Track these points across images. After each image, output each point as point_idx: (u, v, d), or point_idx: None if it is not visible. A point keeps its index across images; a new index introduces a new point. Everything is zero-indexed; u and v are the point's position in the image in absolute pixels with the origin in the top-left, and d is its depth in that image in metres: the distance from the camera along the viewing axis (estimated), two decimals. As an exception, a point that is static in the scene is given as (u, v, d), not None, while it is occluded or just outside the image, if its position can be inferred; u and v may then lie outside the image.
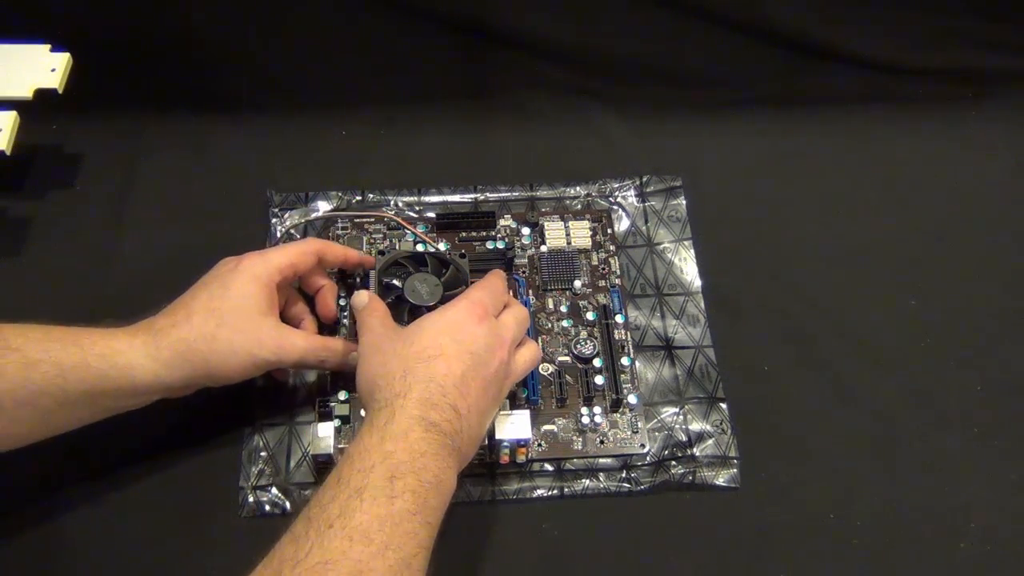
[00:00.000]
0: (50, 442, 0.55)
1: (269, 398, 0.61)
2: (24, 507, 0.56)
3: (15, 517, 0.56)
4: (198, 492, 0.58)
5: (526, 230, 0.69)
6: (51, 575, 0.55)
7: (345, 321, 0.64)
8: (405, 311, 0.59)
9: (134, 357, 0.52)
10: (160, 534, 0.56)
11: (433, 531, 0.46)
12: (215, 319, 0.53)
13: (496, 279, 0.58)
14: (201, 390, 0.56)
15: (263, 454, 0.59)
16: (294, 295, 0.62)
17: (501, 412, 0.56)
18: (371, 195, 0.71)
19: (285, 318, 0.60)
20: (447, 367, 0.50)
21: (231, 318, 0.53)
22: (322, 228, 0.69)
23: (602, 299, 0.66)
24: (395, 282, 0.60)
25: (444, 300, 0.59)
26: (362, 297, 0.57)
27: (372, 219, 0.69)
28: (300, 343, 0.56)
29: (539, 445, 0.59)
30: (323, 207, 0.70)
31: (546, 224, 0.69)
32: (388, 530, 0.43)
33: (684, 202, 0.72)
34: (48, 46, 0.69)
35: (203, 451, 0.59)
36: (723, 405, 0.62)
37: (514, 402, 0.60)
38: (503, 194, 0.72)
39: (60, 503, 0.57)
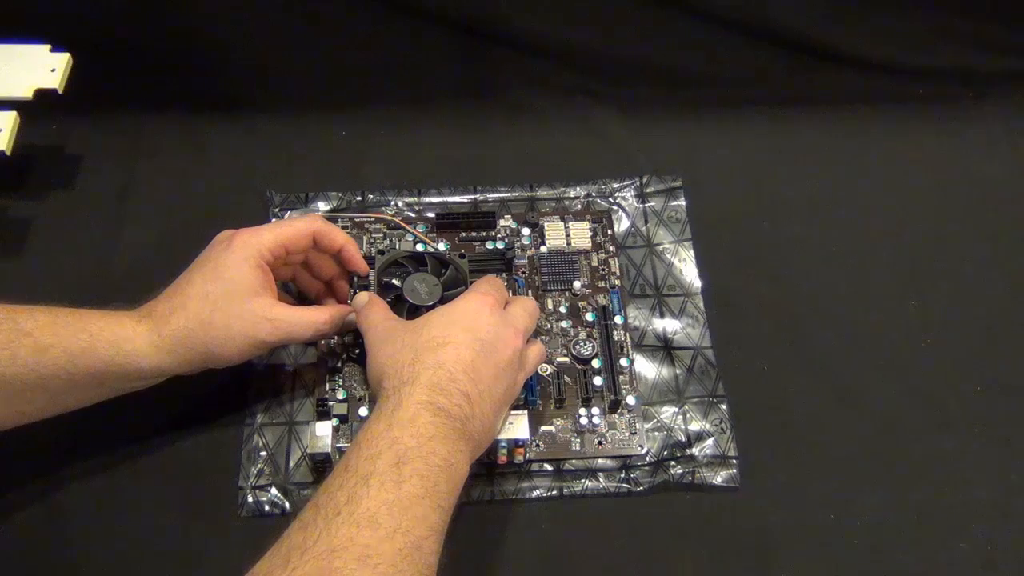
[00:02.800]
0: (49, 441, 0.55)
1: (269, 398, 0.61)
2: (22, 506, 0.56)
3: (14, 517, 0.56)
4: (198, 492, 0.58)
5: (526, 230, 0.69)
6: (50, 574, 0.55)
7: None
8: (404, 311, 0.58)
9: (139, 345, 0.52)
10: (160, 534, 0.56)
11: (446, 515, 0.46)
12: (209, 305, 0.53)
13: (494, 279, 0.59)
14: (202, 385, 0.56)
15: (263, 454, 0.59)
16: (304, 274, 0.62)
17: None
18: (371, 195, 0.71)
19: (301, 300, 0.61)
20: (456, 353, 0.50)
21: (224, 303, 0.54)
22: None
23: (601, 300, 0.66)
24: (394, 282, 0.60)
25: (443, 300, 0.59)
26: (362, 297, 0.58)
27: (372, 219, 0.69)
28: (294, 318, 0.56)
29: (537, 446, 0.59)
30: (323, 207, 0.70)
31: (546, 225, 0.69)
32: (396, 514, 0.43)
33: (684, 203, 0.71)
34: (48, 46, 0.69)
35: (202, 451, 0.59)
36: (722, 405, 0.61)
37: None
38: (503, 194, 0.72)
39: (58, 503, 0.57)
